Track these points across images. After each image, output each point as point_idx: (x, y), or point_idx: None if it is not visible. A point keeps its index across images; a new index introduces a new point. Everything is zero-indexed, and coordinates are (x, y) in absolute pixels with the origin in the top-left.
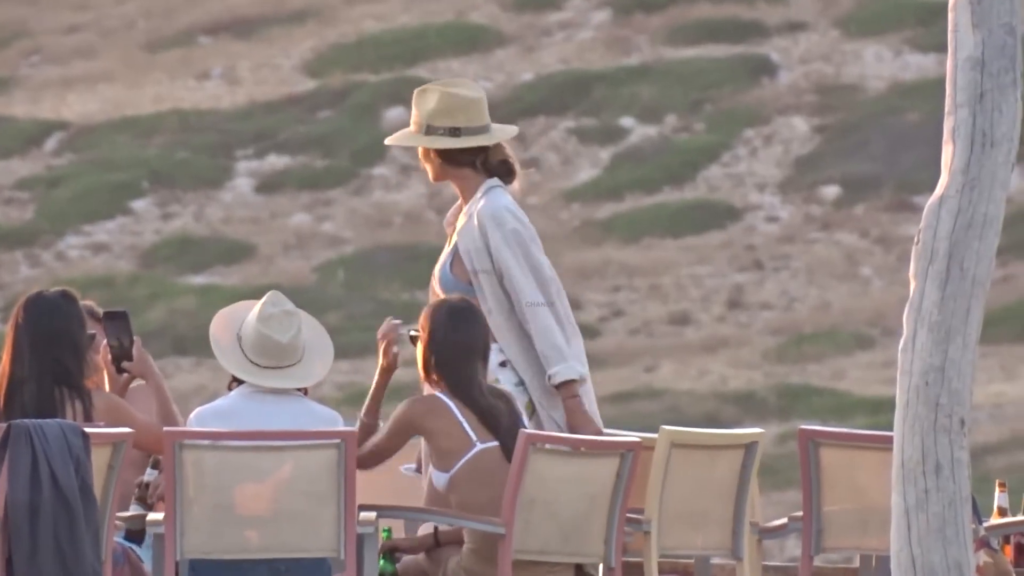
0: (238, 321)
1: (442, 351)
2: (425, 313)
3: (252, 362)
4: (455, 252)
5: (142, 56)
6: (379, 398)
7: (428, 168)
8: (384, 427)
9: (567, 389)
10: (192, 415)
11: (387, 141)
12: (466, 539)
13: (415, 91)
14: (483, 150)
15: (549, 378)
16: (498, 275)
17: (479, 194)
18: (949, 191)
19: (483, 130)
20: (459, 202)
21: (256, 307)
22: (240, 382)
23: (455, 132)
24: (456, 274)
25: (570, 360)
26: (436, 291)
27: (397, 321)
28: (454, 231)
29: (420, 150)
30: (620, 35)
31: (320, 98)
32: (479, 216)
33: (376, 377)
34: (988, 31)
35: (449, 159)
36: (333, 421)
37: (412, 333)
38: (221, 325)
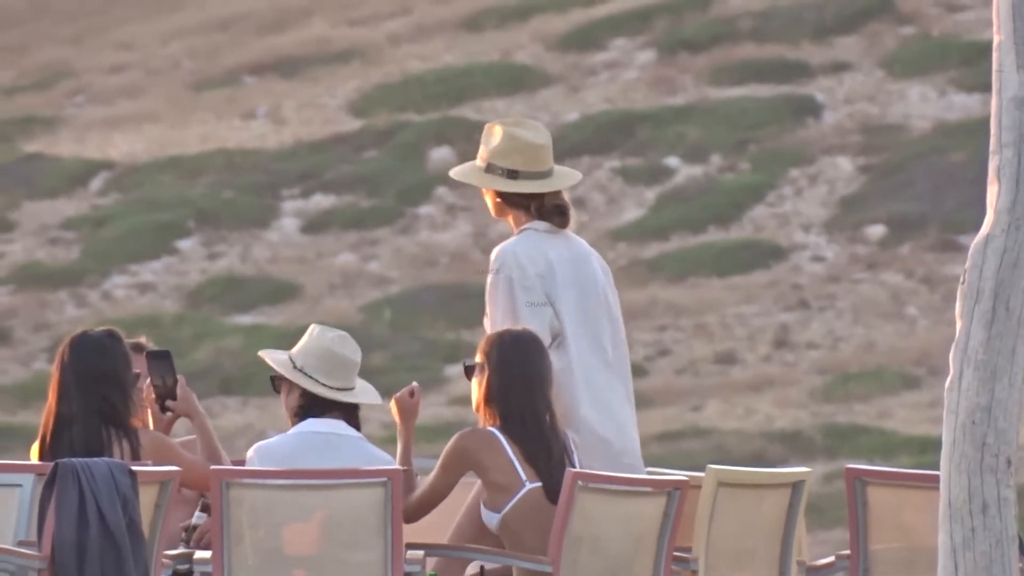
0: (285, 355)
1: (500, 382)
2: (485, 342)
3: (324, 384)
4: None
5: (187, 96)
6: (410, 444)
7: (489, 203)
8: (436, 466)
9: None
10: (252, 450)
11: (452, 173)
12: None
13: (487, 125)
14: (539, 194)
15: None
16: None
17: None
18: (995, 230)
19: (543, 175)
20: None
21: (306, 338)
22: (303, 415)
23: (513, 174)
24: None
25: None
26: None
27: (414, 385)
28: None
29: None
30: (665, 75)
31: (365, 138)
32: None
33: (400, 427)
34: None
35: (506, 199)
36: (388, 465)
37: (468, 363)
38: (272, 358)
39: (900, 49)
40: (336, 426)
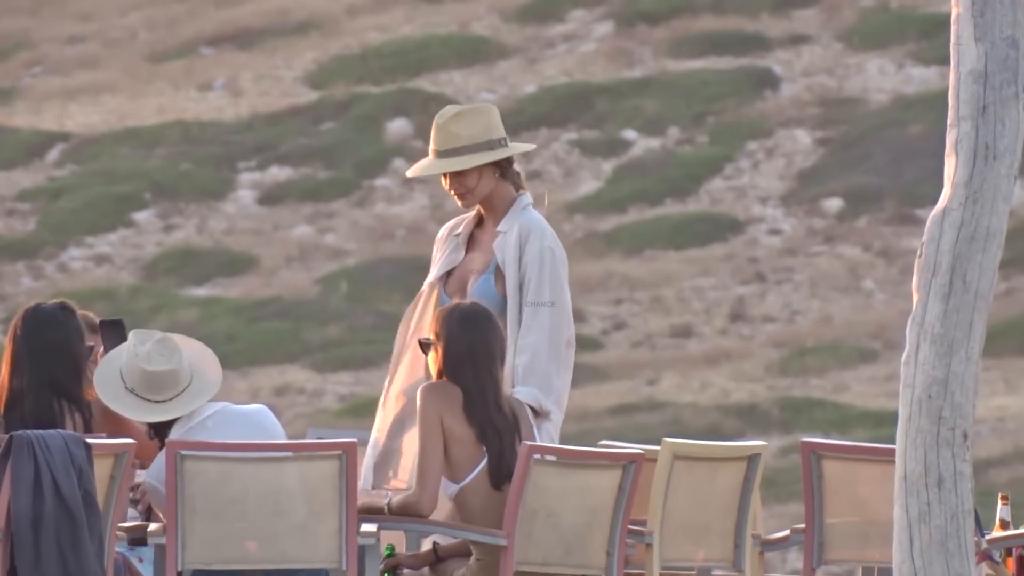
0: (116, 371)
1: (455, 356)
2: (436, 318)
3: (154, 401)
4: (496, 268)
5: (145, 67)
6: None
7: (471, 192)
8: (420, 436)
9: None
10: (145, 478)
11: (466, 162)
12: (474, 552)
13: (442, 117)
14: (510, 161)
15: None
16: (519, 282)
17: (517, 208)
18: (952, 204)
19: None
20: (470, 216)
21: (125, 352)
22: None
23: (504, 143)
24: (499, 290)
25: (535, 389)
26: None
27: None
28: (463, 245)
29: (456, 179)
30: (623, 47)
31: (323, 109)
32: (520, 228)
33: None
34: (991, 44)
35: (503, 172)
36: (261, 413)
37: (423, 341)
38: (102, 384)
39: (859, 22)
40: (215, 405)
